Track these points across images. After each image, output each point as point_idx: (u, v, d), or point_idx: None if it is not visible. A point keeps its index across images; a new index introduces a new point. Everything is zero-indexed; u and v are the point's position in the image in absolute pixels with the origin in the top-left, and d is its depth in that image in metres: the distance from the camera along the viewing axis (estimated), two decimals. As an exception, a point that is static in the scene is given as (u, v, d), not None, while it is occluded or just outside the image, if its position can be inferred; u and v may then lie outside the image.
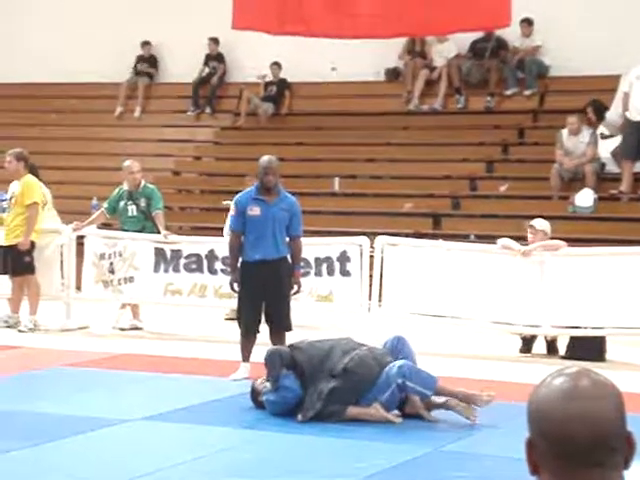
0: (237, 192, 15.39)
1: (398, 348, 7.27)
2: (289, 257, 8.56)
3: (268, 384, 7.27)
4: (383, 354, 7.19)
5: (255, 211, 8.47)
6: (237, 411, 7.39)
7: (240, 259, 8.55)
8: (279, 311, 8.44)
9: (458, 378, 7.94)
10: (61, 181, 14.86)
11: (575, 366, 1.73)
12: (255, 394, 7.40)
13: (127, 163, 11.25)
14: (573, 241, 10.35)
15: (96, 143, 16.84)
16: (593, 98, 14.17)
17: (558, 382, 1.67)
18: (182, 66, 17.36)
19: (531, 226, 9.87)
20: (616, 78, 13.79)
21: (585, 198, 13.06)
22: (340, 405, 6.99)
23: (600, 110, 14.00)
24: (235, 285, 8.57)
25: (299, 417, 7.03)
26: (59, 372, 8.83)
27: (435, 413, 7.14)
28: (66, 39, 17.88)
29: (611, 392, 1.67)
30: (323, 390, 7.03)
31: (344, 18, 11.09)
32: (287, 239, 8.56)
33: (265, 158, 8.64)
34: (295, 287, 8.60)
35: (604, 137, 13.81)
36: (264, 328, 8.50)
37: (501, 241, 9.97)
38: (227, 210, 15.11)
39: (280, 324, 8.44)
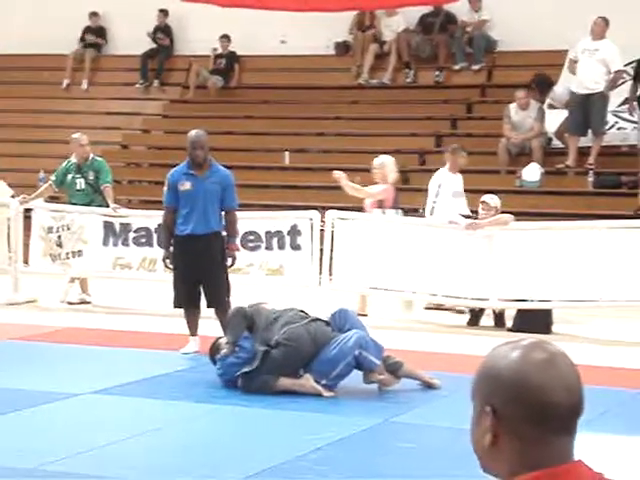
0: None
1: (343, 320, 7.32)
2: (223, 231, 8.56)
3: (226, 348, 7.27)
4: (324, 331, 7.22)
5: (186, 186, 8.46)
6: (187, 385, 7.40)
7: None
8: (214, 286, 8.41)
9: (407, 350, 8.02)
10: (7, 154, 14.69)
11: (528, 338, 1.75)
12: (214, 350, 7.40)
13: (75, 136, 11.15)
14: (520, 215, 10.46)
15: (43, 115, 16.64)
16: (536, 72, 14.27)
17: (532, 351, 1.69)
18: (130, 38, 17.17)
19: (484, 202, 9.96)
20: (563, 52, 13.88)
21: (532, 172, 13.19)
22: (271, 375, 7.03)
23: (544, 85, 14.11)
24: (167, 261, 8.61)
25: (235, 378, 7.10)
26: (7, 346, 8.77)
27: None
28: (12, 9, 17.61)
29: (573, 362, 1.72)
30: (259, 352, 7.08)
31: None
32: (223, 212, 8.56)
33: (193, 133, 8.61)
34: (230, 260, 8.60)
35: (552, 107, 13.92)
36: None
37: (448, 216, 10.07)
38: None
39: (217, 300, 8.40)
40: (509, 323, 9.73)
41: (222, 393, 7.13)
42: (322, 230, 10.31)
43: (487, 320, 9.92)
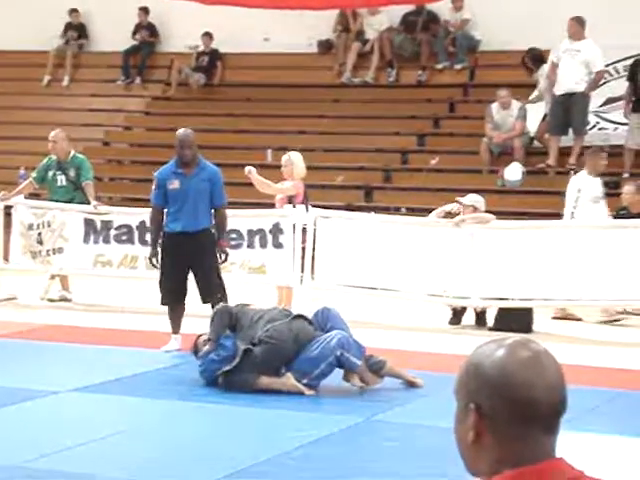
0: (167, 163, 15.39)
1: (325, 319, 7.32)
2: (213, 228, 8.58)
3: (207, 345, 7.26)
4: (306, 329, 7.22)
5: (174, 184, 8.51)
6: (168, 383, 7.38)
7: (162, 232, 8.55)
8: (207, 282, 8.43)
9: (388, 350, 8.01)
10: (-12, 150, 14.61)
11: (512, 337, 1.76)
12: (196, 349, 7.40)
13: (53, 133, 11.09)
14: (502, 214, 10.47)
15: (24, 112, 16.56)
16: (530, 47, 14.23)
17: (517, 350, 1.70)
18: (112, 35, 17.12)
19: (457, 201, 9.95)
20: (545, 52, 13.94)
21: (514, 172, 13.22)
22: (252, 374, 7.02)
23: (537, 59, 14.10)
24: (154, 260, 8.61)
25: (215, 376, 7.09)
26: (-14, 343, 8.71)
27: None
28: (-8, 5, 17.52)
29: (556, 360, 1.72)
30: (240, 350, 7.07)
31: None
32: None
33: (181, 131, 8.67)
34: (222, 256, 8.60)
35: (533, 101, 13.93)
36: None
37: (436, 212, 10.02)
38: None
39: (210, 295, 8.41)
40: (490, 322, 9.75)
41: (203, 391, 7.12)
42: (304, 228, 10.29)
43: (469, 319, 9.94)
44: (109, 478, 5.27)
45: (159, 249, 8.58)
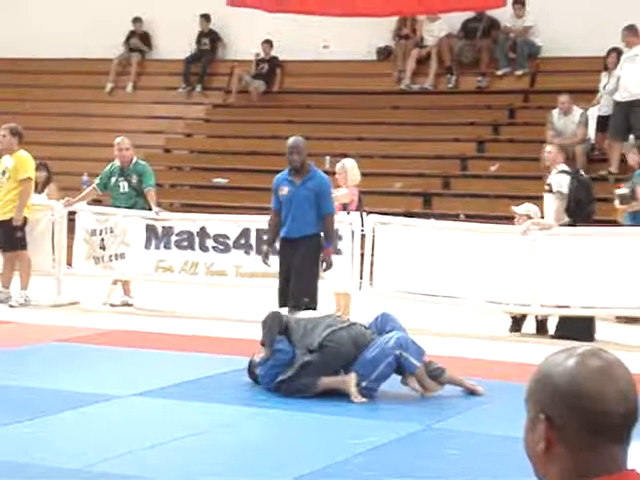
0: (227, 170, 15.51)
1: (384, 323, 7.32)
2: (320, 235, 8.82)
3: (262, 353, 7.29)
4: (364, 333, 7.23)
5: (284, 191, 8.83)
6: (228, 388, 7.41)
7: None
8: (297, 289, 8.61)
9: (448, 357, 7.98)
10: (52, 157, 14.80)
11: (583, 346, 1.75)
12: (252, 367, 7.44)
13: (118, 140, 11.24)
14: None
15: (87, 119, 16.78)
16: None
17: (588, 359, 1.69)
18: (174, 43, 17.30)
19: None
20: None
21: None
22: (311, 378, 7.04)
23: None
24: (266, 260, 9.10)
25: (274, 384, 7.13)
26: (50, 348, 8.83)
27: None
28: (57, 15, 17.79)
29: (628, 370, 1.71)
30: (298, 362, 7.09)
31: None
32: None
33: (291, 138, 8.94)
34: (325, 264, 8.79)
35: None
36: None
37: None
38: (218, 187, 15.14)
39: (298, 298, 8.52)
40: (552, 330, 9.66)
41: (263, 396, 7.14)
42: (363, 235, 10.30)
43: (529, 327, 9.86)
44: (171, 482, 5.31)
45: (269, 250, 9.09)
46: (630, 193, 10.60)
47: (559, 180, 10.05)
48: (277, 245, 9.05)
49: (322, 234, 8.86)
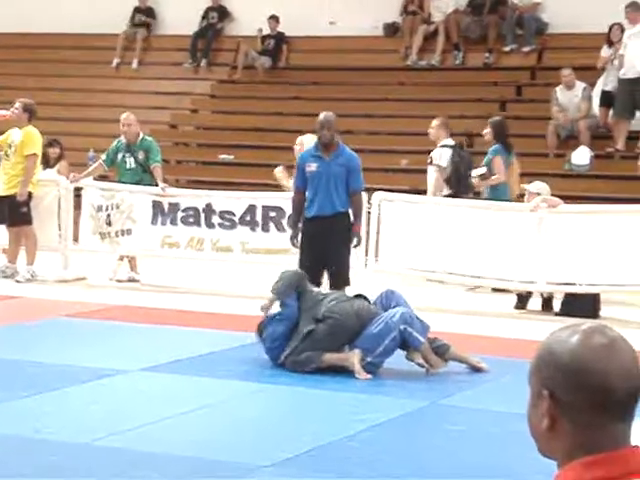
0: (233, 146, 15.49)
1: (389, 300, 7.35)
2: (349, 212, 8.72)
3: (273, 307, 7.34)
4: (368, 307, 7.25)
5: (312, 167, 8.65)
6: (234, 363, 7.44)
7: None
8: (339, 266, 8.59)
9: (453, 334, 8.00)
10: (58, 132, 14.80)
11: (587, 322, 1.75)
12: (261, 328, 7.44)
13: (123, 115, 11.23)
14: (569, 198, 10.38)
15: (93, 94, 16.76)
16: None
17: (592, 336, 1.69)
18: (180, 18, 17.24)
19: (523, 188, 9.97)
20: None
21: (581, 156, 13.07)
22: (316, 351, 7.06)
23: None
24: (295, 240, 8.86)
25: (281, 358, 7.15)
26: (56, 323, 8.87)
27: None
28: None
29: (632, 346, 1.72)
30: (302, 331, 7.12)
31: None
32: None
33: (322, 114, 8.80)
34: (355, 240, 8.77)
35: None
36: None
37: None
38: (224, 164, 15.13)
39: (338, 278, 8.55)
40: (557, 307, 9.68)
41: (269, 372, 7.17)
42: (369, 212, 10.30)
43: (535, 304, 9.87)
44: (176, 456, 5.34)
45: (299, 231, 8.79)
46: (488, 170, 10.73)
47: (440, 154, 10.98)
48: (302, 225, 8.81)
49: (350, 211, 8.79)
